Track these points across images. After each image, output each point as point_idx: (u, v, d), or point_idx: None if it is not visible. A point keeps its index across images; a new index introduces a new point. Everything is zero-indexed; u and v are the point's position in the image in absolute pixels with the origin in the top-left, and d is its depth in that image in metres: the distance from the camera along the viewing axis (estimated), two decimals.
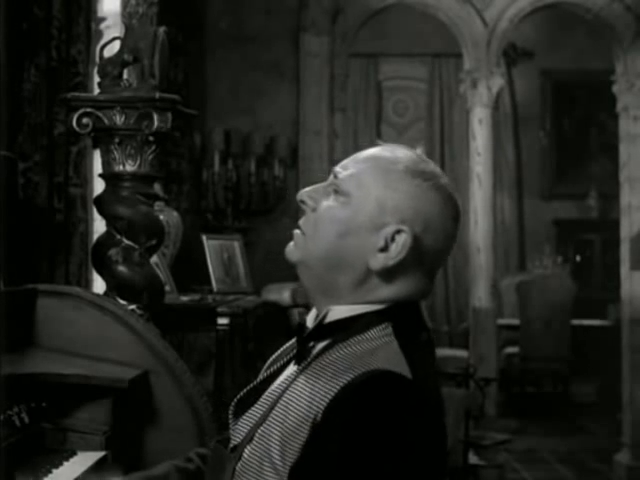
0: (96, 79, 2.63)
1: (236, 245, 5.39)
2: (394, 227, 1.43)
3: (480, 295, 6.62)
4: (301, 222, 1.52)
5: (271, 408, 1.44)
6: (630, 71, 6.33)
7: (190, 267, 5.05)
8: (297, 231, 1.52)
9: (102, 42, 2.87)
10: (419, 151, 1.54)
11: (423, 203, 1.45)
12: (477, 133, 6.66)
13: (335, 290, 1.47)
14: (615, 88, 6.43)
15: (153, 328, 2.39)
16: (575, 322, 8.24)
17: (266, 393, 1.50)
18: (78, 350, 2.24)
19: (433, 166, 1.50)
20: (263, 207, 6.09)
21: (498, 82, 6.65)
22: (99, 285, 3.23)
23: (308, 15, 6.29)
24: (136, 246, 2.53)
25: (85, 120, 2.50)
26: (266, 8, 6.29)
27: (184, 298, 4.38)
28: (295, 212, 6.33)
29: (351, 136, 10.08)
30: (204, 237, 5.17)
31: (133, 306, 2.49)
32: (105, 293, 2.54)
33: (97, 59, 2.63)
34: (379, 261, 1.43)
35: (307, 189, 1.54)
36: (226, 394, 3.88)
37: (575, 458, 6.66)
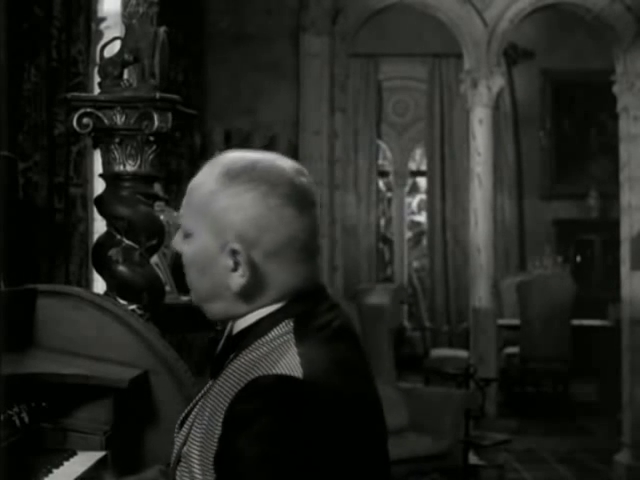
0: (96, 79, 2.63)
1: None
2: (231, 246, 1.42)
3: (480, 295, 6.62)
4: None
5: (190, 428, 1.47)
6: (630, 71, 6.33)
7: None
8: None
9: (102, 42, 2.87)
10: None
11: (245, 209, 1.42)
12: (477, 133, 6.66)
13: (230, 314, 1.49)
14: (615, 88, 6.43)
15: (153, 328, 2.39)
16: (575, 322, 8.24)
17: (195, 409, 1.53)
18: (78, 350, 2.24)
19: (244, 161, 1.46)
20: None
21: (498, 82, 6.65)
22: (99, 285, 3.23)
23: (308, 15, 6.29)
24: (136, 246, 2.53)
25: (85, 120, 2.50)
26: (266, 8, 6.30)
27: (184, 298, 4.37)
28: None
29: (351, 136, 10.09)
30: None
31: (133, 306, 2.49)
32: (105, 293, 2.54)
33: (97, 59, 2.63)
34: (236, 281, 1.44)
35: (174, 239, 1.54)
36: None
37: (575, 458, 6.66)
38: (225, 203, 1.43)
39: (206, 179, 1.46)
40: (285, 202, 1.42)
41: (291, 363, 1.36)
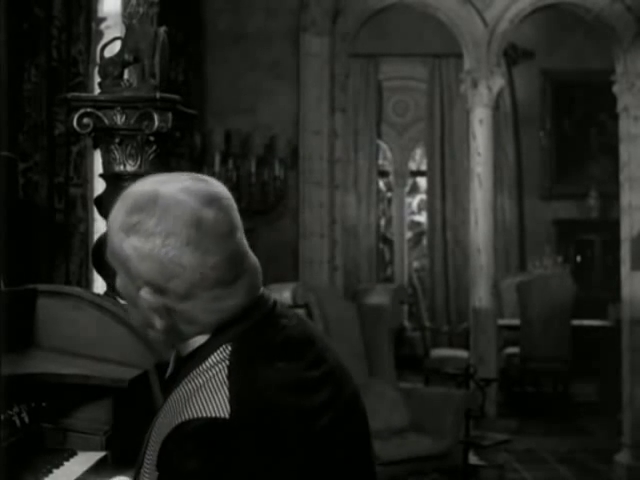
0: (96, 79, 2.63)
1: None
2: (142, 293, 1.41)
3: (480, 295, 6.62)
4: None
5: (147, 442, 1.47)
6: (630, 71, 6.33)
7: None
8: None
9: (102, 42, 2.87)
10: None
11: (146, 259, 1.40)
12: (477, 133, 6.66)
13: (168, 342, 1.49)
14: (615, 88, 6.43)
15: None
16: (575, 322, 8.24)
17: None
18: (78, 350, 2.24)
19: (145, 199, 1.45)
20: (263, 207, 6.10)
21: (498, 82, 6.65)
22: (99, 285, 3.23)
23: (308, 15, 6.29)
24: None
25: (86, 120, 2.50)
26: (266, 8, 6.30)
27: None
28: (295, 212, 6.34)
29: (351, 136, 10.09)
30: None
31: None
32: (105, 293, 2.54)
33: (98, 59, 2.63)
34: (157, 322, 1.44)
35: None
36: None
37: (575, 458, 6.65)
38: (129, 252, 1.41)
39: (115, 218, 1.46)
40: (186, 246, 1.38)
41: (219, 402, 1.34)
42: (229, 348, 1.41)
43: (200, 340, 1.44)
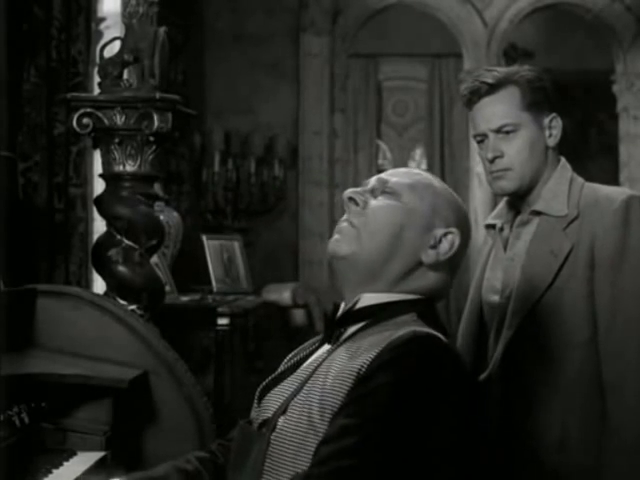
0: (96, 79, 2.63)
1: (236, 245, 5.39)
2: (444, 229, 1.61)
3: None
4: (350, 217, 1.62)
5: (304, 382, 1.53)
6: (630, 71, 6.33)
7: (190, 267, 5.05)
8: (344, 224, 1.61)
9: (102, 42, 2.87)
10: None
11: (459, 211, 1.65)
12: None
13: (378, 279, 1.59)
14: (615, 88, 6.44)
15: (153, 328, 2.39)
16: None
17: (294, 374, 1.59)
18: (78, 350, 2.24)
19: None
20: (263, 207, 6.10)
21: None
22: (99, 285, 3.23)
23: (308, 15, 6.29)
24: (136, 246, 2.53)
25: (85, 120, 2.50)
26: (266, 8, 6.30)
27: (184, 298, 4.38)
28: (295, 212, 6.34)
29: (351, 136, 10.07)
30: (204, 237, 5.17)
31: (133, 306, 2.49)
32: (105, 293, 2.54)
33: (97, 59, 2.63)
34: (431, 257, 1.60)
35: (354, 189, 1.66)
36: (226, 394, 3.89)
37: None
38: (448, 198, 1.67)
39: (431, 176, 1.71)
40: (469, 223, 1.72)
41: (433, 332, 1.51)
42: (415, 317, 1.57)
43: (381, 299, 1.59)
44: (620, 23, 6.38)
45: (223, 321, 4.02)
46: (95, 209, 2.68)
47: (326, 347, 1.60)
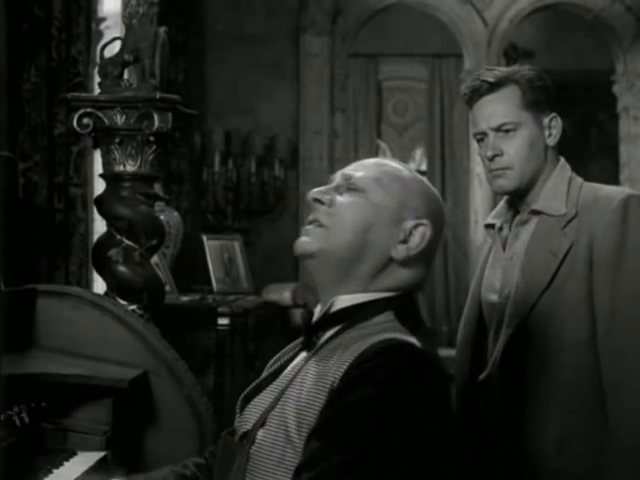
0: (96, 79, 2.63)
1: (236, 245, 5.39)
2: (414, 222, 1.55)
3: None
4: (317, 216, 1.57)
5: (282, 392, 1.50)
6: (630, 71, 6.34)
7: (190, 267, 5.05)
8: (310, 226, 1.57)
9: (102, 42, 2.87)
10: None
11: (430, 200, 1.59)
12: None
13: (350, 279, 1.55)
14: (615, 88, 6.44)
15: (153, 328, 2.39)
16: None
17: (274, 383, 1.57)
18: (78, 350, 2.24)
19: None
20: (263, 207, 6.09)
21: None
22: (99, 285, 3.23)
23: (308, 15, 6.29)
24: (136, 246, 2.53)
25: (86, 120, 2.50)
26: (266, 8, 6.29)
27: (184, 298, 4.38)
28: (295, 212, 6.33)
29: (351, 136, 10.07)
30: (204, 237, 5.17)
31: (133, 306, 2.49)
32: (105, 293, 2.54)
33: (97, 59, 2.63)
34: (401, 252, 1.55)
35: (318, 189, 1.60)
36: (226, 394, 3.88)
37: None
38: (418, 188, 1.61)
39: (400, 167, 1.64)
40: (444, 212, 1.65)
41: (408, 337, 1.48)
42: (391, 316, 1.53)
43: (356, 300, 1.55)
44: (620, 23, 6.38)
45: (223, 321, 4.02)
46: (95, 209, 2.68)
47: (304, 354, 1.57)
